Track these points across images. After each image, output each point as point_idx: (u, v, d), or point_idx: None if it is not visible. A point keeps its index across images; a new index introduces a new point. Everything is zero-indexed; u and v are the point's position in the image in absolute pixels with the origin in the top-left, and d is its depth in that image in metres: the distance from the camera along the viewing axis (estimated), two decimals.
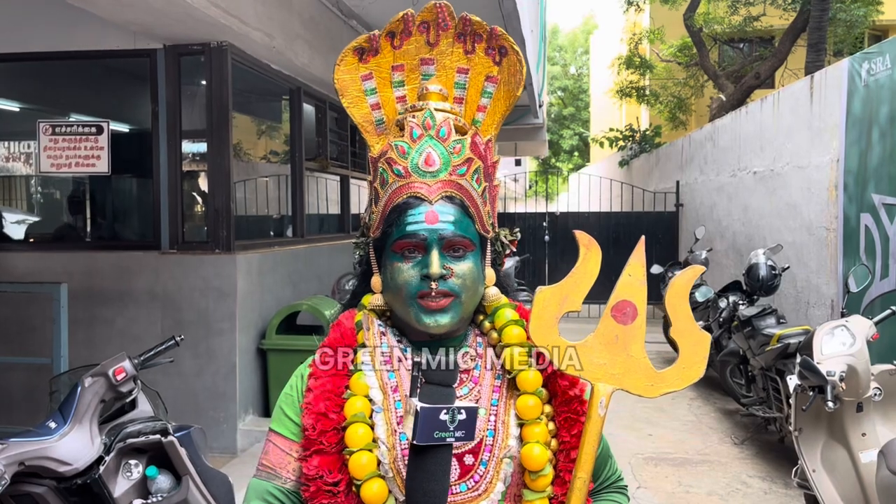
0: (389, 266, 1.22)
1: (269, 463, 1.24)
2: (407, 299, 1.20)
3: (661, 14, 17.28)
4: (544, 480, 1.19)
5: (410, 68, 1.34)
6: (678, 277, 1.24)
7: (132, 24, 4.70)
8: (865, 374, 3.32)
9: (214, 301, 4.98)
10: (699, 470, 5.02)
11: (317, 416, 1.18)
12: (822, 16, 10.59)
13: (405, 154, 1.22)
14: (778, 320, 5.43)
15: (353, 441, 1.15)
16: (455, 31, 1.32)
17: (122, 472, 2.29)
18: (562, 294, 1.22)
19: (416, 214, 1.19)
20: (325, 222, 7.95)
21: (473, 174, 1.24)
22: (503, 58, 1.31)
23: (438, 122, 1.23)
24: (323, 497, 1.15)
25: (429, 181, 1.21)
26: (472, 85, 1.33)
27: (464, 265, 1.20)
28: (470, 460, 1.19)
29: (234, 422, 5.02)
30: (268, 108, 7.32)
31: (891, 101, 4.99)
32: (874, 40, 14.68)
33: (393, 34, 1.32)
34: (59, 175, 5.69)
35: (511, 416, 1.22)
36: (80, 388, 2.25)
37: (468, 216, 1.22)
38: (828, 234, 5.99)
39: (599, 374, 1.19)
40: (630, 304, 1.21)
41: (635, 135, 16.37)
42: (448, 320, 1.19)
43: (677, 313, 1.21)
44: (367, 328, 1.26)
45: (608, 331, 1.20)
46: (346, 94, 1.33)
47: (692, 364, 1.19)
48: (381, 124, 1.34)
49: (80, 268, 5.15)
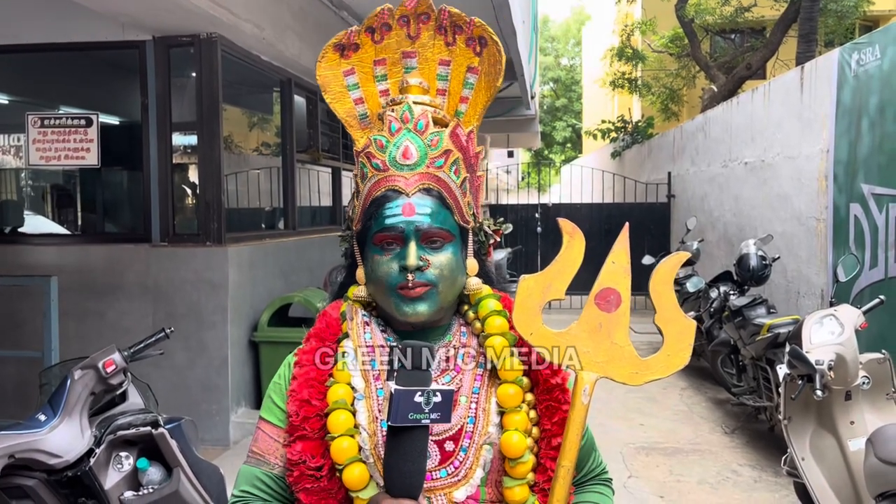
0: (370, 259, 1.24)
1: (257, 449, 1.27)
2: (387, 291, 1.22)
3: (653, 5, 17.27)
4: (524, 468, 1.20)
5: (392, 62, 1.35)
6: (663, 264, 1.23)
7: (121, 16, 4.67)
8: (854, 362, 3.35)
9: (206, 294, 4.97)
10: (690, 459, 5.05)
11: (300, 402, 1.21)
12: (812, 6, 10.61)
13: (383, 148, 1.24)
14: (768, 310, 5.46)
15: (335, 427, 1.17)
16: (435, 23, 1.33)
17: (112, 464, 2.29)
18: (545, 282, 1.22)
19: (393, 207, 1.21)
20: (317, 215, 7.94)
21: (452, 166, 1.25)
22: (483, 48, 1.31)
23: (416, 116, 1.24)
24: (306, 481, 1.18)
25: (406, 174, 1.22)
26: (455, 76, 1.34)
27: (441, 256, 1.21)
28: (450, 447, 1.21)
29: (226, 414, 5.02)
30: (258, 100, 7.29)
31: (880, 91, 5.01)
32: (865, 30, 14.71)
33: (373, 29, 1.34)
34: (49, 168, 5.66)
35: (492, 404, 1.24)
36: (70, 381, 2.25)
37: (446, 207, 1.23)
38: (818, 224, 6.02)
39: (583, 362, 1.19)
40: (614, 292, 1.21)
41: (627, 126, 16.38)
42: (426, 308, 1.21)
43: (662, 300, 1.21)
44: (350, 318, 1.28)
45: (592, 318, 1.20)
46: (328, 91, 1.35)
47: (677, 351, 1.19)
48: (364, 118, 1.35)
49: (70, 261, 5.13)
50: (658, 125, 16.41)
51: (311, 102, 6.99)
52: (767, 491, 4.49)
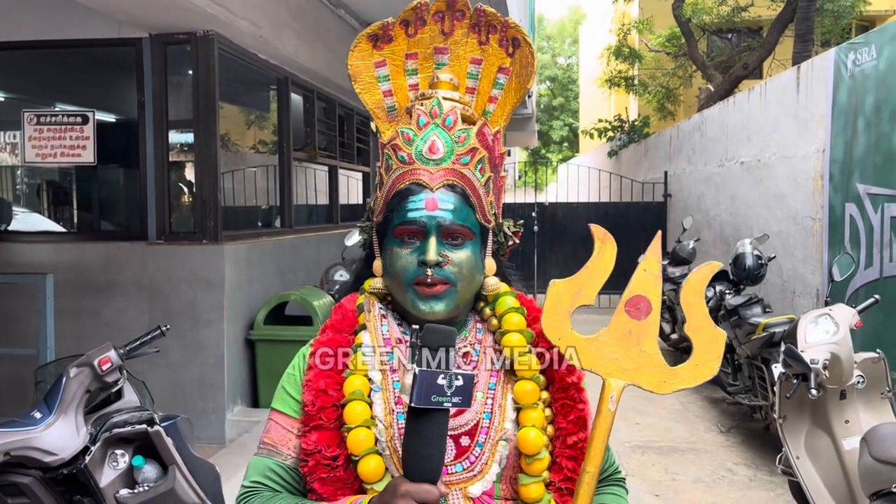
0: (389, 251, 1.25)
1: (270, 440, 1.27)
2: (404, 285, 1.22)
3: (650, 4, 17.27)
4: (540, 465, 1.20)
5: (424, 57, 1.35)
6: (694, 274, 1.23)
7: (117, 13, 4.66)
8: (848, 362, 3.35)
9: (202, 292, 4.97)
10: (685, 458, 5.07)
11: (317, 392, 1.21)
12: (809, 6, 10.63)
13: (410, 141, 1.24)
14: (764, 309, 5.47)
15: (351, 417, 1.18)
16: (470, 21, 1.32)
17: (108, 461, 2.29)
18: (575, 287, 1.22)
19: (416, 201, 1.21)
20: (314, 213, 7.93)
21: (477, 164, 1.25)
22: (516, 50, 1.31)
23: (445, 111, 1.24)
24: (322, 471, 1.18)
25: (431, 169, 1.22)
26: (485, 76, 1.34)
27: (461, 253, 1.22)
28: (466, 442, 1.21)
29: (222, 412, 5.02)
30: (255, 98, 7.28)
31: (876, 91, 5.02)
32: (862, 30, 14.73)
33: (407, 22, 1.33)
34: (45, 165, 5.65)
35: (508, 401, 1.24)
36: (66, 379, 2.25)
37: (469, 205, 1.23)
38: (813, 223, 6.03)
39: (611, 368, 1.18)
40: (644, 300, 1.20)
41: (624, 125, 16.39)
42: (443, 307, 1.21)
43: (692, 310, 1.20)
44: (367, 310, 1.28)
45: (621, 325, 1.20)
46: (358, 80, 1.34)
47: (706, 361, 1.18)
48: (392, 111, 1.35)
49: (66, 258, 5.12)
50: (655, 124, 16.42)
51: (308, 101, 6.99)
52: (762, 490, 4.50)
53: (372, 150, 9.40)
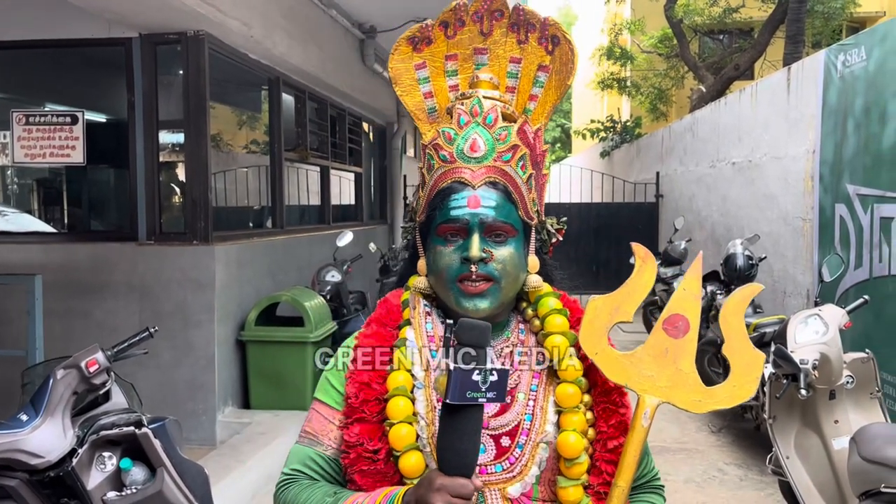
0: (433, 249, 1.25)
1: (311, 430, 1.27)
2: (448, 282, 1.22)
3: (642, 5, 17.32)
4: (579, 468, 1.20)
5: (464, 58, 1.35)
6: (734, 296, 1.24)
7: (106, 12, 4.63)
8: (838, 362, 3.37)
9: (192, 292, 4.95)
10: (677, 458, 5.08)
11: (360, 385, 1.22)
12: (800, 7, 10.68)
13: (451, 140, 1.24)
14: (754, 310, 5.49)
15: (394, 413, 1.18)
16: (509, 20, 1.33)
17: (95, 464, 2.27)
18: (613, 304, 1.23)
19: (458, 199, 1.21)
20: (306, 213, 7.92)
21: (519, 161, 1.25)
22: (555, 47, 1.32)
23: (486, 110, 1.24)
24: (363, 463, 1.19)
25: (473, 167, 1.23)
26: (525, 74, 1.34)
27: (504, 250, 1.22)
28: (507, 442, 1.21)
29: (213, 413, 4.99)
30: (247, 98, 7.26)
31: (866, 92, 5.04)
32: (852, 32, 14.80)
33: (446, 24, 1.34)
34: (34, 165, 5.61)
35: (549, 403, 1.24)
36: (52, 381, 2.23)
37: (511, 202, 1.24)
38: (804, 224, 6.05)
39: (646, 385, 1.19)
40: (682, 318, 1.21)
41: (616, 126, 16.42)
42: (487, 305, 1.21)
43: (731, 331, 1.21)
44: (412, 307, 1.29)
45: (658, 343, 1.20)
46: (399, 83, 1.35)
47: (744, 383, 1.18)
48: (433, 112, 1.36)
49: (55, 259, 5.09)
50: (646, 125, 16.45)
51: (299, 101, 6.97)
52: (753, 489, 4.51)
53: (364, 151, 9.39)
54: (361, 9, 7.26)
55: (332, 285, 6.16)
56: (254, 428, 4.99)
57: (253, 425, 5.04)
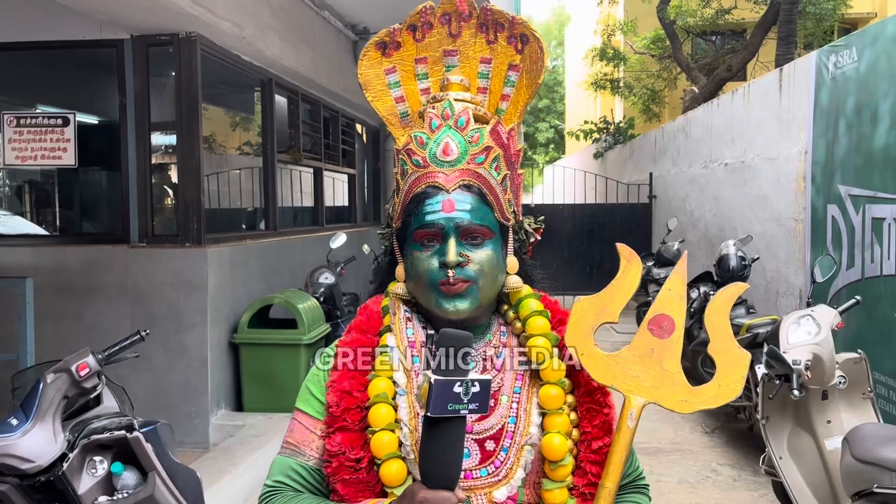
0: (410, 255, 1.24)
1: (293, 440, 1.26)
2: (427, 287, 1.21)
3: (635, 6, 17.36)
4: (564, 470, 1.20)
5: (434, 60, 1.35)
6: (719, 295, 1.24)
7: (98, 13, 4.62)
8: (830, 362, 3.38)
9: (185, 295, 4.93)
10: (670, 459, 5.08)
11: (341, 393, 1.21)
12: (791, 9, 10.72)
13: (424, 144, 1.24)
14: (748, 310, 5.50)
15: (376, 420, 1.17)
16: (477, 21, 1.33)
17: (86, 468, 2.26)
18: (599, 305, 1.23)
19: (433, 204, 1.21)
20: (299, 215, 7.90)
21: (492, 162, 1.25)
22: (525, 46, 1.31)
23: (457, 112, 1.24)
24: (345, 472, 1.17)
25: (446, 170, 1.22)
26: (496, 74, 1.34)
27: (481, 252, 1.21)
28: (491, 446, 1.20)
29: (206, 416, 4.98)
30: (239, 100, 7.24)
31: (857, 93, 5.06)
32: (844, 33, 14.87)
33: (414, 27, 1.34)
34: (25, 168, 5.59)
35: (533, 405, 1.23)
36: (43, 385, 2.21)
37: (486, 204, 1.23)
38: (796, 224, 6.07)
39: (632, 386, 1.19)
40: (668, 318, 1.21)
41: (609, 127, 16.45)
42: (467, 305, 1.20)
43: (716, 331, 1.21)
44: (393, 313, 1.28)
45: (644, 343, 1.20)
46: (369, 89, 1.35)
47: (729, 382, 1.18)
48: (405, 117, 1.36)
49: (47, 262, 5.06)
50: (640, 126, 16.49)
51: (292, 102, 6.96)
52: (746, 490, 4.52)
53: (357, 152, 9.38)
54: (354, 10, 7.26)
55: (326, 287, 6.15)
56: (247, 431, 4.98)
57: (246, 428, 5.02)
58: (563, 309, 1.31)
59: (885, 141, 4.66)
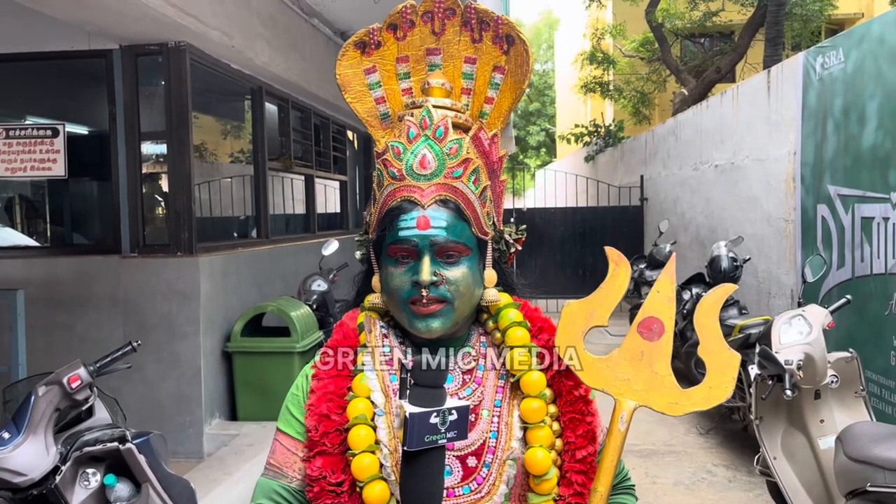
0: (385, 269, 1.22)
1: (275, 462, 1.24)
2: (399, 304, 1.19)
3: (623, 9, 17.42)
4: (548, 484, 1.18)
5: (416, 59, 1.30)
6: (708, 296, 1.23)
7: (87, 24, 4.60)
8: (822, 362, 3.39)
9: (177, 304, 4.91)
10: (665, 461, 5.09)
11: (319, 417, 1.18)
12: (778, 11, 10.79)
13: (400, 156, 1.20)
14: (740, 311, 5.52)
15: (356, 443, 1.15)
16: (461, 19, 1.28)
17: (79, 481, 2.25)
18: (589, 309, 1.22)
19: (408, 220, 1.17)
20: (291, 222, 7.89)
21: (471, 175, 1.21)
22: (510, 47, 1.27)
23: (436, 121, 1.19)
24: (327, 497, 1.15)
25: (423, 184, 1.18)
26: (481, 75, 1.30)
27: (457, 271, 1.18)
28: (473, 462, 1.18)
29: (199, 426, 4.96)
30: (229, 108, 7.23)
31: (844, 94, 5.10)
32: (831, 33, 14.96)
33: (395, 26, 1.29)
34: (15, 179, 5.56)
35: (514, 418, 1.21)
36: (34, 398, 2.20)
37: (463, 220, 1.20)
38: (787, 225, 6.10)
39: (623, 389, 1.18)
40: (657, 321, 1.20)
41: (600, 130, 16.50)
42: (439, 325, 1.18)
43: (706, 332, 1.20)
44: (368, 330, 1.25)
45: (634, 346, 1.20)
46: (348, 90, 1.30)
47: (719, 384, 1.18)
48: (386, 118, 1.31)
49: (38, 273, 5.04)
50: (630, 129, 16.54)
51: (282, 110, 6.96)
52: (741, 490, 4.53)
53: (349, 159, 9.38)
54: (343, 17, 7.26)
55: (319, 294, 6.14)
56: (241, 440, 4.96)
57: (240, 437, 5.00)
58: (544, 316, 1.29)
59: (873, 141, 4.70)
